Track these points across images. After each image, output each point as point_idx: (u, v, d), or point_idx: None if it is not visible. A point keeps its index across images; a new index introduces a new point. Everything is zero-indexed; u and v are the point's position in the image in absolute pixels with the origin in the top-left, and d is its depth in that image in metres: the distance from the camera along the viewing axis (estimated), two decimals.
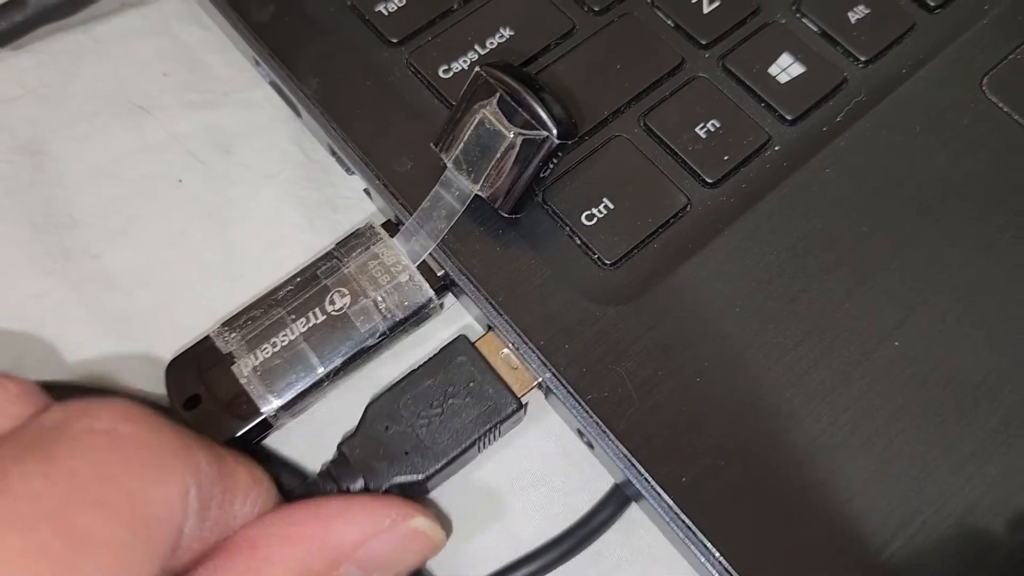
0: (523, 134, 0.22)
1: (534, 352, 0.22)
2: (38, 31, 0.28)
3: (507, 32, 0.26)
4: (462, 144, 0.23)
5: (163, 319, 0.25)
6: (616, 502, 0.23)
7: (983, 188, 0.24)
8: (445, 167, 0.23)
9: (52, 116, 0.28)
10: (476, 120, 0.22)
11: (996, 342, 0.22)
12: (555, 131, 0.22)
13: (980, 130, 0.25)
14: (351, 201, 0.27)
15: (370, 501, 0.20)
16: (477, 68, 0.22)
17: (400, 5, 0.26)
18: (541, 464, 0.24)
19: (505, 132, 0.22)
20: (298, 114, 0.26)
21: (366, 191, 0.26)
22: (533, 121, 0.22)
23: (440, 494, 0.23)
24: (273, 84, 0.27)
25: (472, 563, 0.23)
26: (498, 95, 0.22)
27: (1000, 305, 0.23)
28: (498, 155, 0.22)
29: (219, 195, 0.27)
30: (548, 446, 0.24)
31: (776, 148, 0.25)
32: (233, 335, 0.23)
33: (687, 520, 0.21)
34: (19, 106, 0.28)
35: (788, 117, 0.25)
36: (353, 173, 0.26)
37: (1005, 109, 0.25)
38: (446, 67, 0.26)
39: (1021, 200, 0.24)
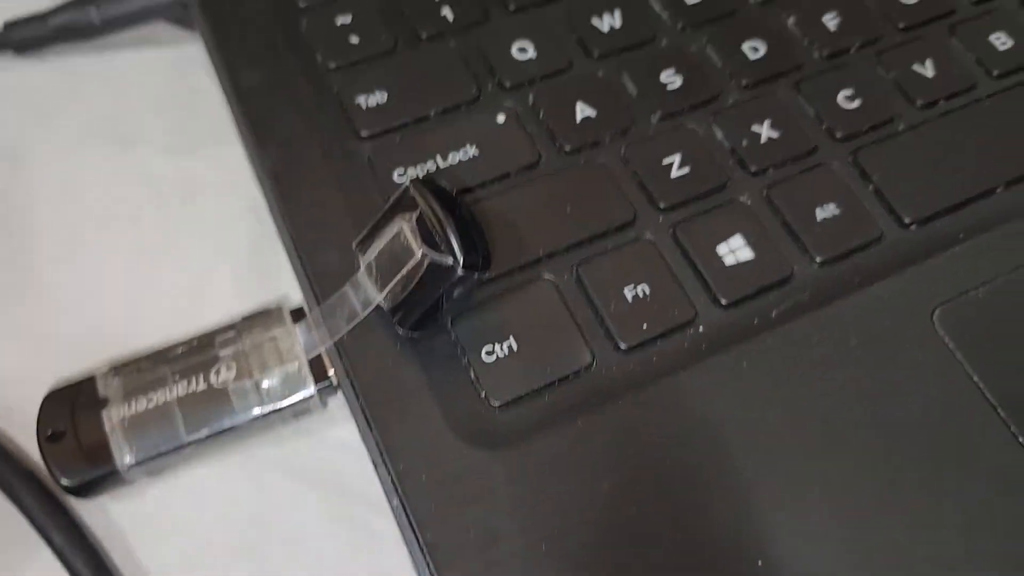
0: (430, 256, 0.22)
1: (389, 475, 0.22)
2: (56, 47, 0.30)
3: (472, 151, 0.26)
4: (377, 251, 0.23)
5: (67, 347, 0.26)
6: None
7: (901, 426, 0.23)
8: (358, 268, 0.23)
9: (42, 127, 0.29)
10: (394, 231, 0.22)
11: None
12: (461, 260, 0.21)
13: (918, 361, 0.24)
14: (286, 277, 0.27)
15: None
16: (408, 181, 0.23)
17: (380, 102, 0.27)
18: None
19: (414, 249, 0.22)
20: (257, 176, 0.27)
21: None
22: (443, 246, 0.22)
23: None
24: (242, 143, 0.28)
25: None
26: (418, 211, 0.22)
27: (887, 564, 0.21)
28: (404, 271, 0.22)
29: (167, 240, 0.28)
30: None
31: (700, 329, 0.24)
32: (116, 380, 0.23)
33: None
34: (15, 111, 0.29)
35: (722, 301, 0.24)
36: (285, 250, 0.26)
37: (950, 345, 0.24)
38: (402, 171, 0.26)
39: (941, 449, 0.23)
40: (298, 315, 0.25)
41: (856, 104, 0.27)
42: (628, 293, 0.24)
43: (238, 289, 0.27)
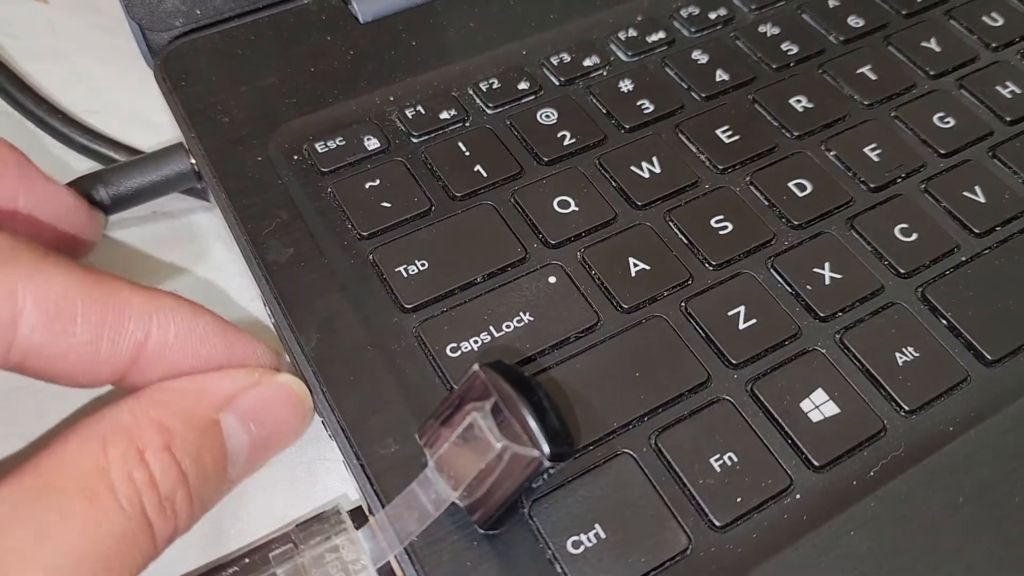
0: (512, 449, 0.20)
1: None
2: None
3: (527, 317, 0.25)
4: (447, 444, 0.21)
5: None
6: None
7: None
8: (426, 463, 0.21)
9: None
10: (465, 423, 0.20)
11: None
12: (548, 452, 0.20)
13: None
14: (332, 465, 0.25)
15: (240, 367, 0.22)
16: (476, 366, 0.21)
17: (421, 268, 0.25)
18: None
19: (493, 443, 0.20)
20: (294, 362, 0.25)
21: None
22: (525, 436, 0.20)
23: None
24: (275, 326, 0.26)
25: None
26: (492, 400, 0.20)
27: None
28: (483, 466, 0.20)
29: None
30: None
31: (797, 496, 0.22)
32: None
33: None
34: None
35: (815, 463, 0.23)
36: (333, 440, 0.24)
37: None
38: (455, 345, 0.24)
39: None
40: (357, 516, 0.22)
41: (914, 237, 0.26)
42: (715, 463, 0.22)
43: (283, 488, 0.24)
